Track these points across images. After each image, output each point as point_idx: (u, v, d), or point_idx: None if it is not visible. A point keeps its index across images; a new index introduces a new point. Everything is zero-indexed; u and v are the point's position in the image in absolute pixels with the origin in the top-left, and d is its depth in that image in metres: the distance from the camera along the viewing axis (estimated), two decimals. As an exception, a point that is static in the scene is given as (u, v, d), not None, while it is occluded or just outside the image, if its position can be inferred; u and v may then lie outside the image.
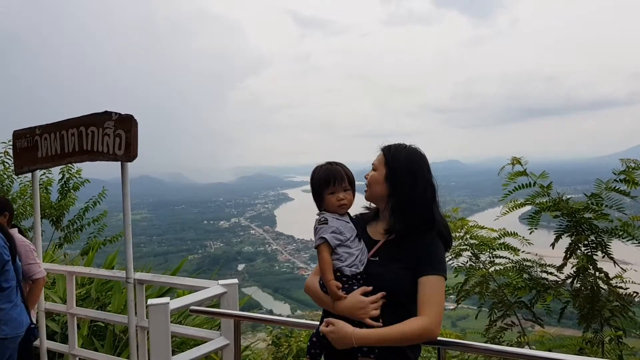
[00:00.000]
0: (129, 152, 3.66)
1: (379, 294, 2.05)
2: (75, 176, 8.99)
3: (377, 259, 2.18)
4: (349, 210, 2.29)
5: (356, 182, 2.31)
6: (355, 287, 2.10)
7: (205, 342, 3.29)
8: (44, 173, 8.65)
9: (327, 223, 2.17)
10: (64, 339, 5.23)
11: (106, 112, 3.78)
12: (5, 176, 8.89)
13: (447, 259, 5.06)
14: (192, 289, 3.61)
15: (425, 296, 2.03)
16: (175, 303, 2.93)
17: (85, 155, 3.94)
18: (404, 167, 2.16)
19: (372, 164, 2.28)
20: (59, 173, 8.90)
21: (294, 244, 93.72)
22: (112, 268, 6.06)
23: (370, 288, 2.07)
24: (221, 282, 3.33)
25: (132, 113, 3.67)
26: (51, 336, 5.15)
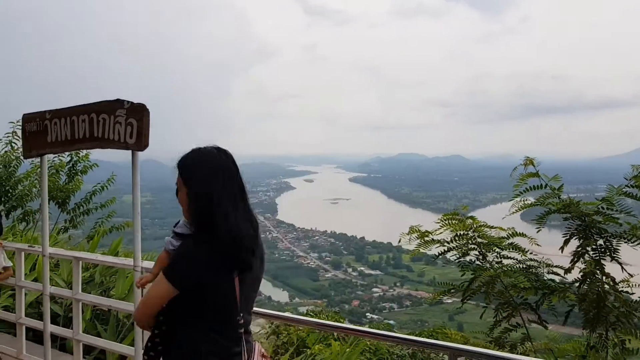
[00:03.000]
0: (140, 141, 3.63)
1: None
2: (83, 160, 8.99)
3: None
4: None
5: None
6: None
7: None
8: (57, 156, 8.67)
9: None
10: (67, 322, 5.26)
11: (118, 100, 3.75)
12: (12, 157, 8.90)
13: (455, 257, 5.09)
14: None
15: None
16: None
17: (95, 142, 3.91)
18: (187, 175, 2.13)
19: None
20: (67, 155, 8.90)
21: (294, 233, 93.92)
22: (117, 254, 6.07)
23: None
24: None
25: (133, 99, 3.65)
26: (54, 319, 5.18)
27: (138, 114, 3.65)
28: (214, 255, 1.96)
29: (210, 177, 2.03)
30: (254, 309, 2.44)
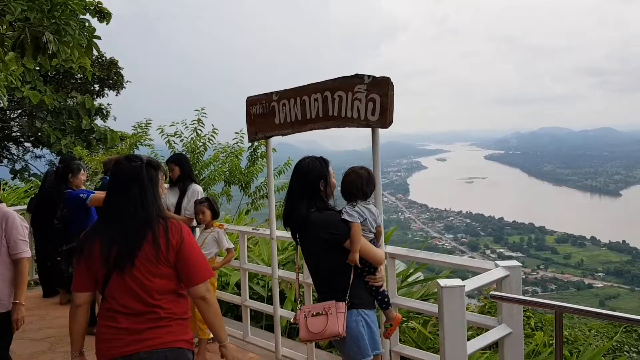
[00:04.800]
0: (384, 118, 3.39)
1: None
2: (263, 144, 9.23)
3: None
4: None
5: None
6: None
7: (485, 329, 2.98)
8: (237, 142, 8.99)
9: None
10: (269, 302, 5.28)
11: (357, 75, 3.54)
12: (199, 144, 9.38)
13: None
14: (458, 268, 3.32)
15: None
16: (469, 285, 2.62)
17: (330, 122, 3.75)
18: None
19: None
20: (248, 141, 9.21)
21: (428, 213, 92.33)
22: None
23: None
24: (501, 263, 2.97)
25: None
26: (252, 298, 5.26)
27: (382, 88, 3.42)
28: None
29: (294, 177, 2.93)
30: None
